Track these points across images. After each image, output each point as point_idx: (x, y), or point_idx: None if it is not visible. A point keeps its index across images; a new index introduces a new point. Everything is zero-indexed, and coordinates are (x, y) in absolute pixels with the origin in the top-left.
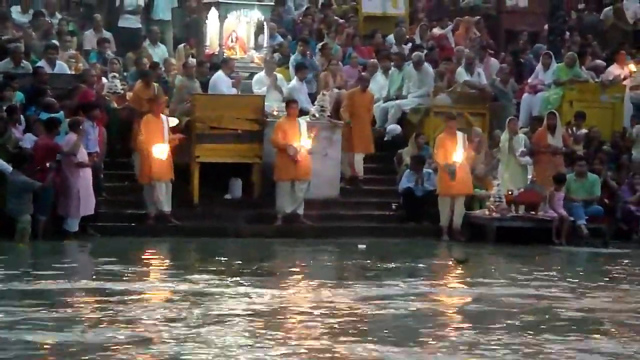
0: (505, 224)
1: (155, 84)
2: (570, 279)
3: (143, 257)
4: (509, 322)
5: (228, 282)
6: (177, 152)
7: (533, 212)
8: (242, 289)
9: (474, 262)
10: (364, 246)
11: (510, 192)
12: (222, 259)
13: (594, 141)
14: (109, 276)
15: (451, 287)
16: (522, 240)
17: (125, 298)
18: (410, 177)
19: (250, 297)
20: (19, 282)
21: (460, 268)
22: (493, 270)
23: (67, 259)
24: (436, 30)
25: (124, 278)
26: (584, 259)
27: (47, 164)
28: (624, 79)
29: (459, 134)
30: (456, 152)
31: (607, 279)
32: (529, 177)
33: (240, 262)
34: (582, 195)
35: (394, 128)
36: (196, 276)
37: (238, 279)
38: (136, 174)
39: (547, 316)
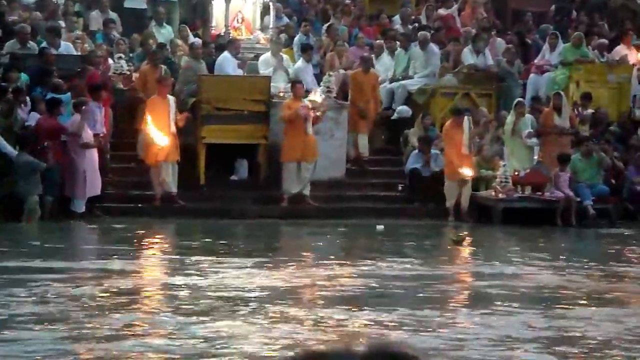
0: (512, 205)
1: (163, 66)
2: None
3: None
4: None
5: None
6: (183, 133)
7: (539, 193)
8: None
9: (475, 241)
10: (382, 227)
11: (516, 173)
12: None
13: (600, 122)
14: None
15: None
16: (529, 221)
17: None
18: (417, 158)
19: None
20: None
21: (456, 248)
22: (484, 249)
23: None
24: (442, 11)
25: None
26: (585, 239)
27: (45, 143)
28: (633, 64)
29: (465, 120)
30: (466, 166)
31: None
32: (535, 157)
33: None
34: (588, 176)
35: (404, 109)
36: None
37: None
38: (139, 154)
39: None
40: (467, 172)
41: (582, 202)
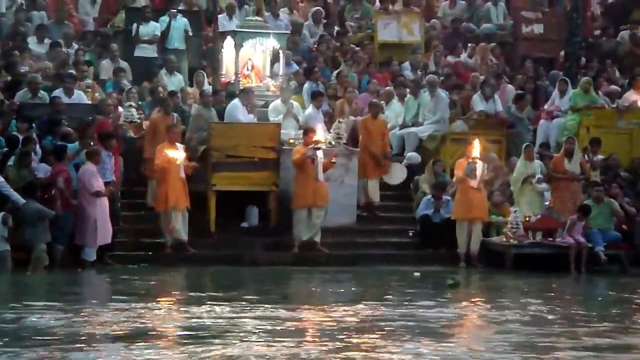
0: (523, 251)
1: (174, 114)
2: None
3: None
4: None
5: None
6: (193, 180)
7: (551, 239)
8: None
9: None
10: (419, 274)
11: (527, 219)
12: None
13: (611, 168)
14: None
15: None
16: (540, 267)
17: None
18: (428, 204)
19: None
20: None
21: (451, 291)
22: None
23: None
24: (450, 59)
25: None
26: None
27: (52, 191)
28: None
29: (479, 163)
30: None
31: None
32: (546, 203)
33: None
34: (599, 222)
35: (414, 156)
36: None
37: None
38: (148, 201)
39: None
40: (473, 183)
41: (593, 248)
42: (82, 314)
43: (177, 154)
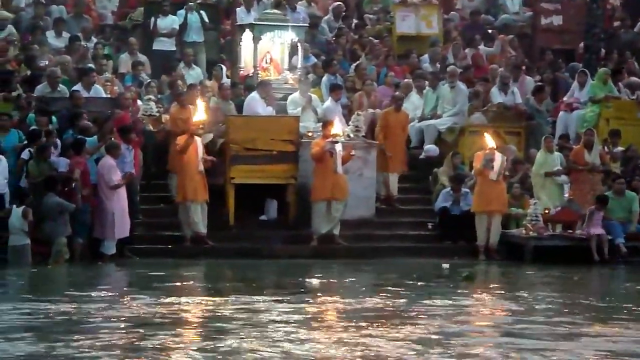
0: (543, 243)
1: (192, 106)
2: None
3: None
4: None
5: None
6: (212, 173)
7: (570, 231)
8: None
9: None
10: (447, 266)
11: (547, 211)
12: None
13: (632, 159)
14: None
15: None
16: (559, 260)
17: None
18: (447, 197)
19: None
20: None
21: (465, 284)
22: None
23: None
24: (469, 51)
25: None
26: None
27: (73, 185)
28: None
29: (498, 154)
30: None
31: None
32: (566, 195)
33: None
34: (620, 214)
35: (432, 148)
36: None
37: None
38: (173, 195)
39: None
40: (492, 175)
41: (613, 240)
42: (100, 304)
43: (197, 115)
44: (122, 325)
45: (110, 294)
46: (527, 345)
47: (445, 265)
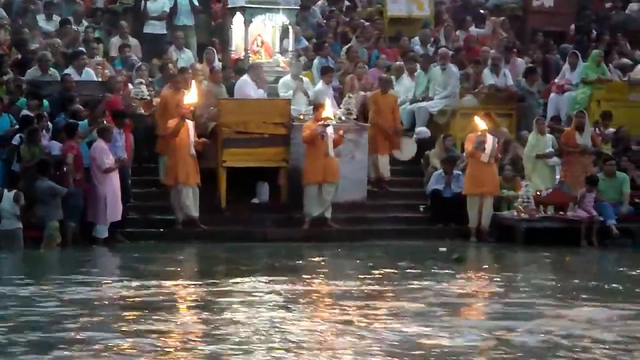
0: (534, 225)
1: (183, 90)
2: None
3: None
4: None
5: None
6: (203, 157)
7: (562, 213)
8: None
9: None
10: (445, 249)
11: (538, 193)
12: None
13: (622, 140)
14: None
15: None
16: (551, 242)
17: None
18: (439, 179)
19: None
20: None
21: (457, 266)
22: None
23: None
24: (460, 33)
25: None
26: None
27: (64, 168)
28: None
29: (488, 136)
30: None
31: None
32: (557, 177)
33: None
34: (611, 195)
35: (423, 131)
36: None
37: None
38: (161, 178)
39: None
40: (484, 158)
41: (605, 221)
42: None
43: (188, 97)
44: (113, 308)
45: (100, 277)
46: (486, 326)
47: (443, 249)
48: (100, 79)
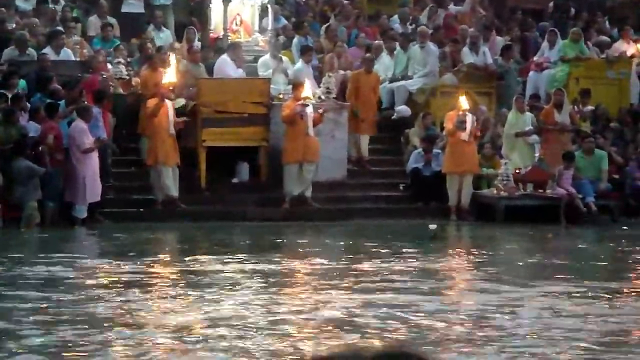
0: (514, 203)
1: (162, 69)
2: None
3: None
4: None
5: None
6: (183, 136)
7: (541, 191)
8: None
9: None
10: (435, 226)
11: (517, 171)
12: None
13: (601, 118)
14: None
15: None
16: (531, 219)
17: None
18: (418, 158)
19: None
20: None
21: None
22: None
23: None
24: (440, 11)
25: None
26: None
27: (40, 148)
28: (631, 57)
29: (468, 115)
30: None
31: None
32: (537, 155)
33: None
34: (590, 172)
35: (403, 109)
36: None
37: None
38: (144, 158)
39: None
40: (464, 136)
41: (584, 198)
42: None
43: (167, 77)
44: (92, 288)
45: (80, 257)
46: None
47: (433, 226)
48: (78, 59)
